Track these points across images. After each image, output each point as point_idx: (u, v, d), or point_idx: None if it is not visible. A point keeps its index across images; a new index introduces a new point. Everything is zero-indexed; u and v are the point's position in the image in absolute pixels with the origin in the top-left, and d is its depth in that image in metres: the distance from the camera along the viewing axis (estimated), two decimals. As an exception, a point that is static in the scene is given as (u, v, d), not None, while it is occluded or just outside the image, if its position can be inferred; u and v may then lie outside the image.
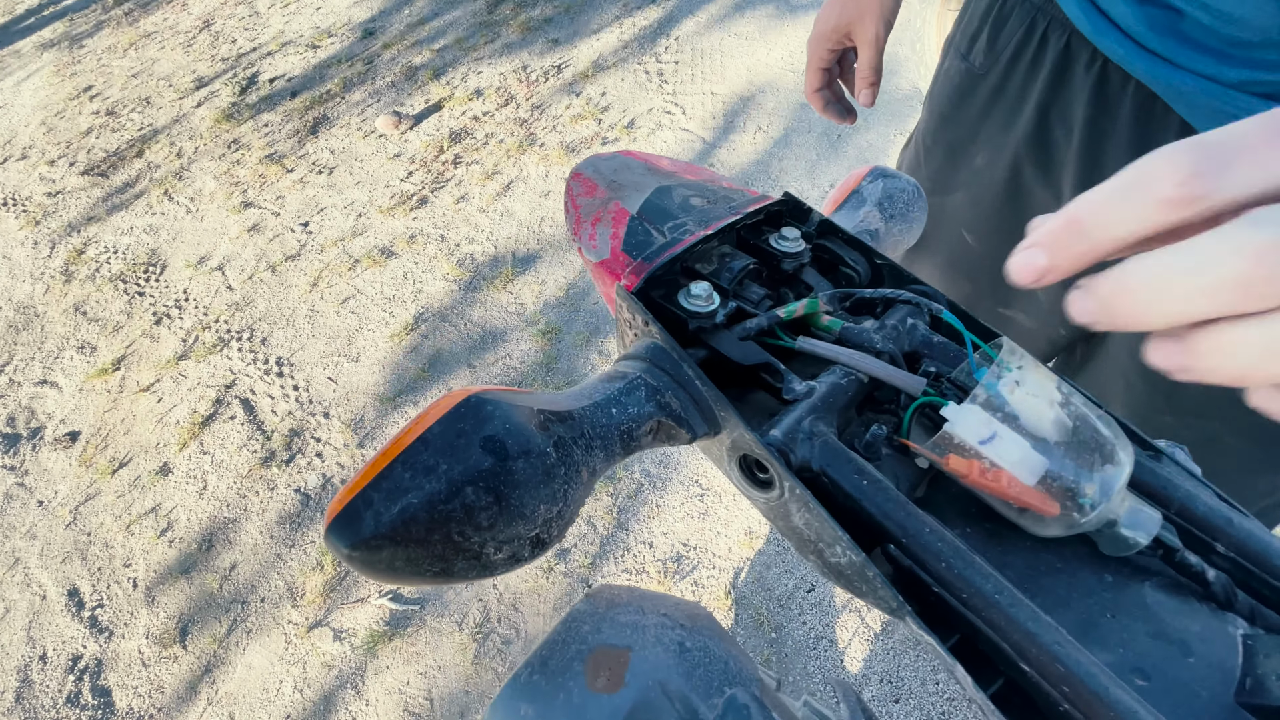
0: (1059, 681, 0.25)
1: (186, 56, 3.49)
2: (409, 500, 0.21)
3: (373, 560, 0.21)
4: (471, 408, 0.23)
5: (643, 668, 0.24)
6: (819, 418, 0.30)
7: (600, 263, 0.35)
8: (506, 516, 0.22)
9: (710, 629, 0.28)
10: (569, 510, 0.24)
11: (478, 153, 2.45)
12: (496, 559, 0.23)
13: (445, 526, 0.21)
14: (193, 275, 2.34)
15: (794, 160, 2.11)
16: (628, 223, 0.36)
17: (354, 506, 0.21)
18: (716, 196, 0.39)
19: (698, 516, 1.49)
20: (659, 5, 2.83)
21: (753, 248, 0.38)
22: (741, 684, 0.24)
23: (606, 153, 0.41)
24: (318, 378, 1.93)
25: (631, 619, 0.26)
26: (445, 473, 0.21)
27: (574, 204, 0.38)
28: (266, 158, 2.71)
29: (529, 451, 0.23)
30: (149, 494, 1.80)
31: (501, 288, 2.01)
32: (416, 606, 1.48)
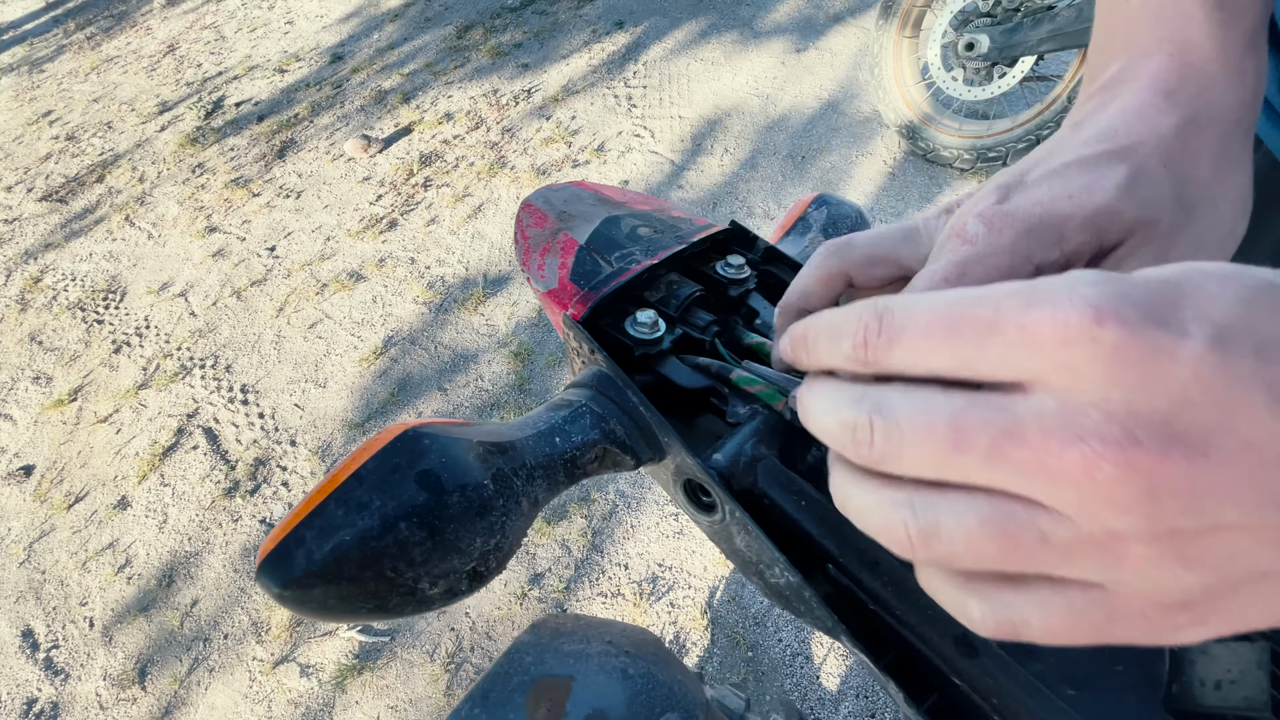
0: (989, 695, 0.26)
1: (150, 80, 3.45)
2: (341, 538, 0.21)
3: (305, 599, 0.21)
4: (408, 442, 0.23)
5: (585, 696, 0.25)
6: (761, 441, 0.31)
7: (548, 292, 0.36)
8: (441, 551, 0.22)
9: (655, 655, 0.28)
10: (507, 542, 0.25)
11: (448, 175, 2.46)
12: (432, 594, 0.23)
13: (378, 563, 0.21)
14: (154, 302, 2.29)
15: (760, 181, 2.16)
16: (576, 252, 0.37)
17: (285, 545, 0.21)
18: (664, 226, 0.40)
19: (673, 536, 1.48)
20: (627, 31, 2.88)
21: (700, 275, 0.39)
22: (682, 708, 0.25)
23: (558, 184, 0.42)
24: (284, 404, 1.90)
25: (576, 648, 0.27)
26: (379, 509, 0.21)
27: (524, 234, 0.39)
28: (232, 182, 2.68)
29: (465, 485, 0.23)
30: (107, 529, 1.74)
31: (473, 310, 2.00)
32: (386, 638, 1.44)
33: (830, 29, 2.63)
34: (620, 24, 2.93)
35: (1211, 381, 0.14)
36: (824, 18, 2.69)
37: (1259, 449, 0.14)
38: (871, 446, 0.18)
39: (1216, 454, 0.14)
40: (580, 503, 1.55)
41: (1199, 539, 0.15)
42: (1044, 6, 1.69)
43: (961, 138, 1.93)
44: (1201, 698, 0.26)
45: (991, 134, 1.88)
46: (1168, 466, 0.14)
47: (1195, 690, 0.26)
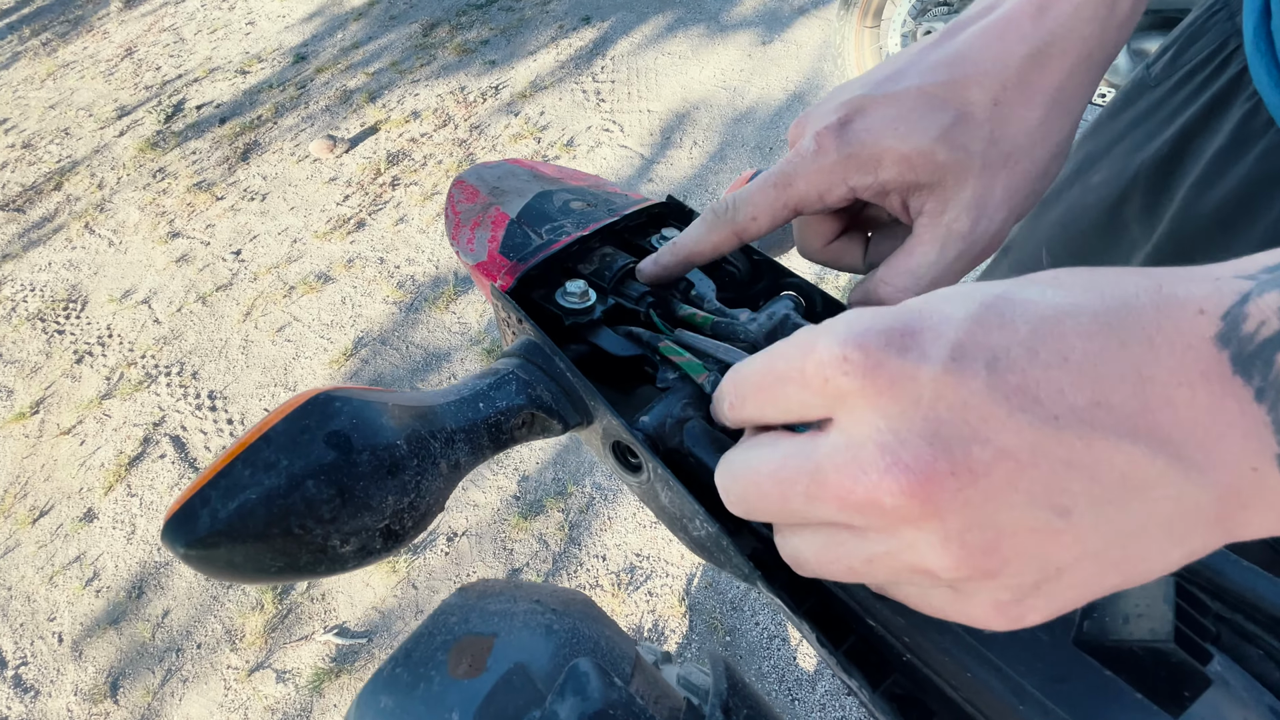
0: (901, 633, 0.26)
1: (108, 85, 3.37)
2: (247, 496, 0.21)
3: (210, 558, 0.21)
4: (318, 405, 0.23)
5: (506, 652, 0.25)
6: (690, 404, 0.32)
7: (477, 265, 0.36)
8: (350, 509, 0.22)
9: (583, 613, 0.28)
10: (424, 502, 0.25)
11: (416, 174, 2.44)
12: (344, 551, 0.23)
13: (285, 520, 0.21)
14: (116, 310, 2.24)
15: (730, 174, 2.17)
16: (506, 226, 0.37)
17: (190, 505, 0.21)
18: (598, 200, 0.40)
19: (649, 526, 1.49)
20: (594, 26, 2.88)
21: (636, 248, 0.39)
22: (601, 656, 0.25)
23: (493, 161, 0.42)
24: (253, 410, 1.87)
25: (501, 607, 0.27)
26: (286, 468, 0.22)
27: (454, 210, 0.39)
28: (195, 186, 2.63)
29: (375, 445, 0.23)
30: (73, 542, 1.70)
31: (444, 308, 1.99)
32: (364, 639, 1.43)
33: (794, 21, 2.65)
34: (587, 19, 2.93)
35: (954, 399, 0.16)
36: (788, 10, 2.71)
37: (1013, 454, 0.15)
38: (736, 498, 0.21)
39: (978, 465, 0.15)
40: (557, 497, 1.55)
41: (993, 550, 0.16)
42: (999, -7, 1.72)
43: (924, 125, 1.96)
44: (1111, 631, 0.27)
45: (953, 120, 1.91)
46: (938, 484, 0.16)
47: (1105, 624, 0.27)
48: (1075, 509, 0.16)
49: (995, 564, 0.16)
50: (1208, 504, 0.16)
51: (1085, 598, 0.18)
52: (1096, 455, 0.15)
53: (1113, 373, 0.16)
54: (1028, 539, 0.16)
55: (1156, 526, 0.16)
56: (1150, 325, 0.16)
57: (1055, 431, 0.15)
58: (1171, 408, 0.15)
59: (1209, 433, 0.15)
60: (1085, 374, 0.16)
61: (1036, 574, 0.17)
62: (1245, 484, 0.16)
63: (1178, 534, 0.16)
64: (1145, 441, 0.16)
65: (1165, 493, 0.16)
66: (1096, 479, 0.16)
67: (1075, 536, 0.16)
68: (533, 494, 1.56)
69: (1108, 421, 0.15)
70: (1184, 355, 0.15)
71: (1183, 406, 0.15)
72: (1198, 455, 0.16)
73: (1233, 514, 0.16)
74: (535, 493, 1.57)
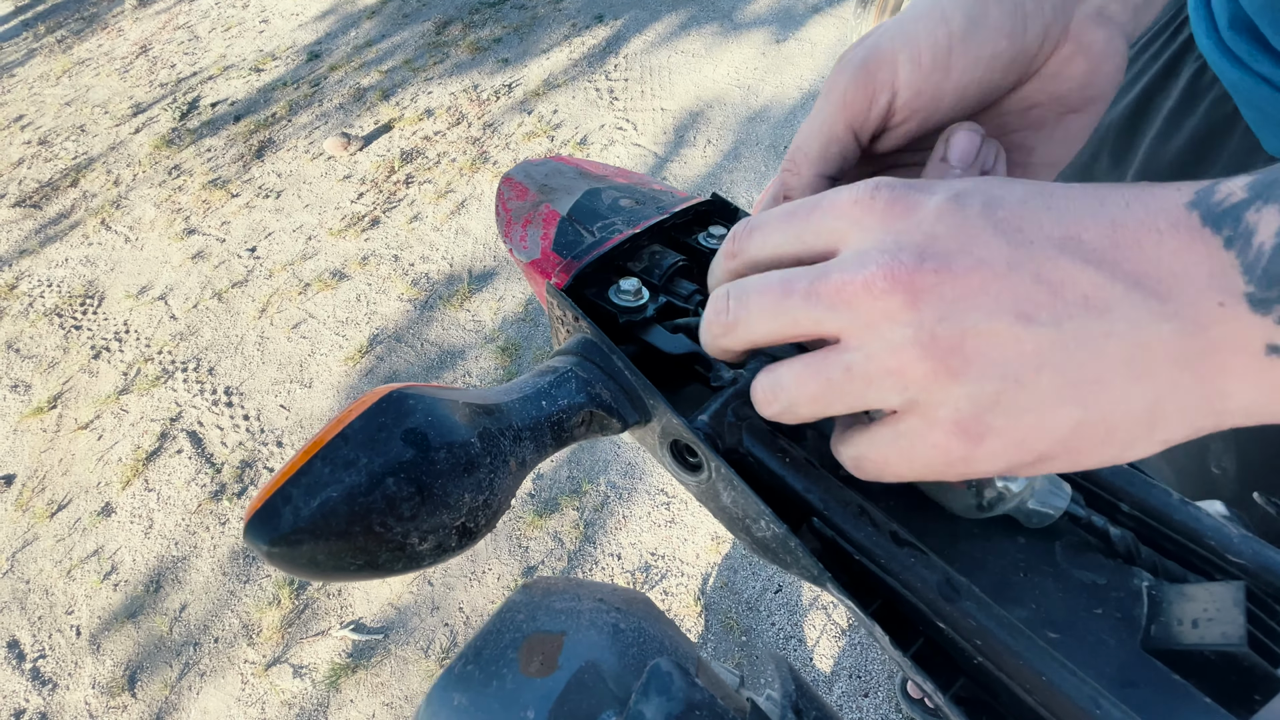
0: (972, 636, 0.26)
1: (123, 83, 3.39)
2: (329, 493, 0.21)
3: (293, 555, 0.21)
4: (393, 402, 0.23)
5: (577, 650, 0.25)
6: (745, 403, 0.32)
7: (531, 263, 0.36)
8: (430, 506, 0.22)
9: (646, 612, 0.28)
10: (496, 499, 0.25)
11: (430, 172, 2.44)
12: (422, 549, 0.23)
13: (366, 518, 0.21)
14: (133, 306, 2.25)
15: (744, 171, 2.16)
16: (558, 224, 0.37)
17: (272, 503, 0.21)
18: (645, 197, 0.40)
19: (664, 525, 1.49)
20: (607, 25, 2.88)
21: (683, 245, 0.39)
22: (673, 656, 0.25)
23: (538, 158, 0.42)
24: (269, 406, 1.88)
25: (566, 605, 0.27)
26: (365, 465, 0.22)
27: (504, 207, 0.39)
28: (210, 183, 2.65)
29: (452, 442, 0.23)
30: (90, 536, 1.71)
31: (458, 306, 1.99)
32: (380, 635, 1.43)
33: (809, 19, 2.64)
34: (600, 17, 2.92)
35: (950, 222, 0.19)
36: (802, 8, 2.70)
37: (990, 264, 0.18)
38: (728, 314, 0.23)
39: (959, 268, 0.18)
40: (572, 495, 1.55)
41: (958, 347, 0.18)
42: (1019, -8, 1.70)
43: (941, 124, 1.95)
44: (1180, 636, 0.26)
45: (970, 120, 1.90)
46: (921, 277, 0.18)
47: (1173, 629, 0.27)
48: (1037, 319, 0.18)
49: (959, 362, 0.18)
50: (1169, 337, 0.17)
51: (1046, 434, 0.18)
52: (1062, 275, 0.18)
53: (1088, 218, 0.18)
54: (992, 341, 0.18)
55: (1116, 354, 0.17)
56: (1129, 193, 0.18)
57: (1029, 251, 0.18)
58: (1139, 247, 0.17)
59: (1172, 270, 0.17)
60: (1065, 215, 0.18)
61: (997, 381, 0.18)
62: (1211, 320, 0.17)
63: (1138, 367, 0.17)
64: (1109, 271, 0.17)
65: (1124, 317, 0.17)
66: (1059, 295, 0.18)
67: (1035, 346, 0.18)
68: (548, 492, 1.57)
69: (1077, 250, 0.18)
70: (1156, 211, 0.17)
71: (1149, 247, 0.17)
72: (1159, 287, 0.17)
73: (1203, 359, 0.17)
74: (550, 490, 1.57)
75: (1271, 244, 0.16)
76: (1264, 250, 0.16)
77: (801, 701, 0.26)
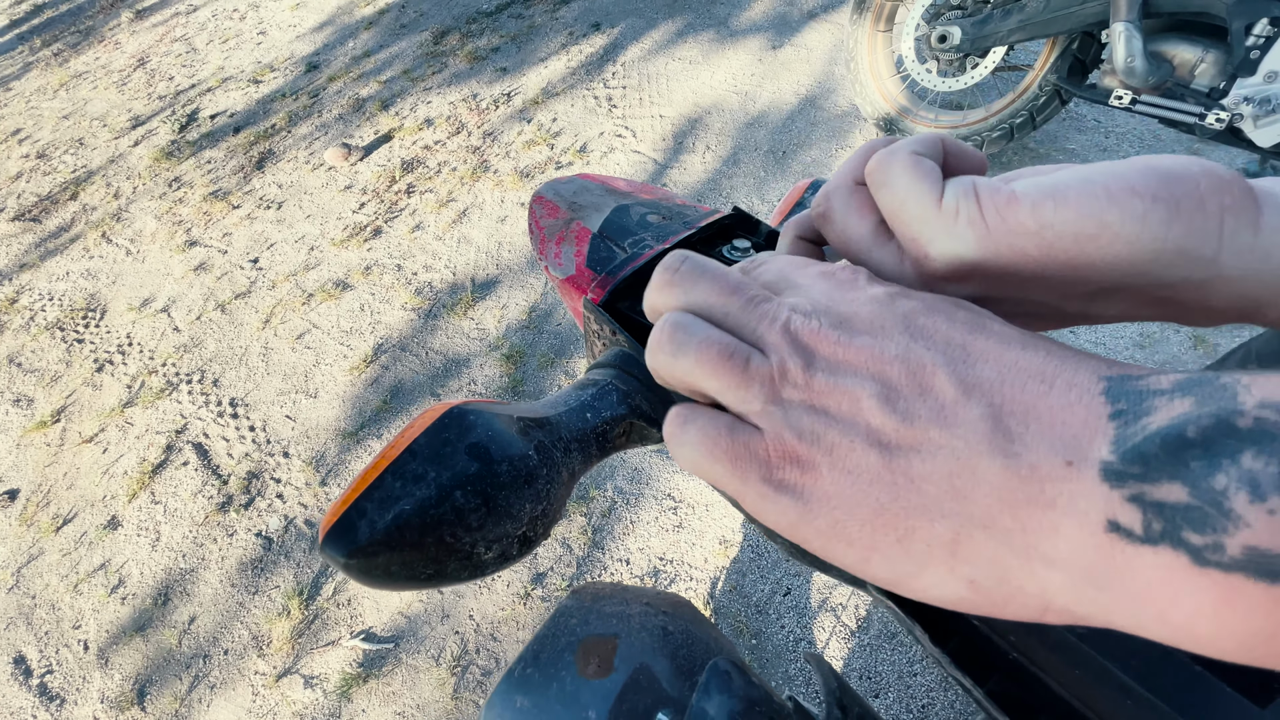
0: (1007, 632, 0.27)
1: (121, 95, 3.40)
2: (401, 507, 0.22)
3: (370, 567, 0.22)
4: (455, 418, 0.24)
5: (630, 652, 0.26)
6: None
7: (567, 279, 0.37)
8: (495, 517, 0.23)
9: (691, 615, 0.29)
10: (553, 509, 0.26)
11: (431, 181, 2.45)
12: (487, 558, 0.24)
13: (438, 529, 0.22)
14: (136, 319, 2.26)
15: (743, 177, 2.18)
16: (590, 240, 0.38)
17: (348, 516, 0.22)
18: (671, 213, 0.41)
19: (672, 529, 1.50)
20: (604, 33, 2.90)
21: (709, 258, 0.40)
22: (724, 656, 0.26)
23: (565, 176, 0.43)
24: (275, 416, 1.88)
25: (616, 609, 0.28)
26: (434, 479, 0.23)
27: (538, 225, 0.40)
28: (210, 195, 2.65)
29: (512, 456, 0.24)
30: (97, 550, 1.71)
31: (462, 314, 2.00)
32: (390, 644, 1.44)
33: (805, 25, 2.66)
34: (597, 25, 2.95)
35: (875, 306, 0.20)
36: (798, 14, 2.72)
37: (883, 348, 0.19)
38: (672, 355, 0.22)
39: (861, 334, 0.20)
40: (579, 501, 1.56)
41: (829, 391, 0.19)
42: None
43: (938, 128, 1.97)
44: None
45: (967, 123, 1.92)
46: (833, 334, 0.20)
47: None
48: (894, 406, 0.19)
49: (821, 402, 0.20)
50: (997, 471, 0.17)
51: (856, 507, 0.19)
52: (936, 381, 0.18)
53: (997, 351, 0.18)
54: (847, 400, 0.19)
55: (943, 464, 0.17)
56: (1060, 351, 0.18)
57: (920, 350, 0.19)
58: (1022, 388, 0.17)
59: (1038, 416, 0.17)
60: (977, 336, 0.19)
61: (838, 434, 0.19)
62: (1049, 475, 0.16)
63: (958, 485, 0.17)
64: (979, 395, 0.17)
65: (965, 436, 0.17)
66: (924, 395, 0.18)
67: (880, 424, 0.19)
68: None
69: (963, 367, 0.18)
70: (1066, 368, 0.17)
71: (1031, 392, 0.17)
72: (1014, 425, 0.17)
73: (1030, 508, 0.16)
74: (558, 497, 1.57)
75: (1158, 428, 0.15)
76: (1147, 430, 0.15)
77: (845, 698, 0.27)
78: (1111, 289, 0.21)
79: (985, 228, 0.20)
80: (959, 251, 0.21)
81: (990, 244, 0.20)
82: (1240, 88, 1.41)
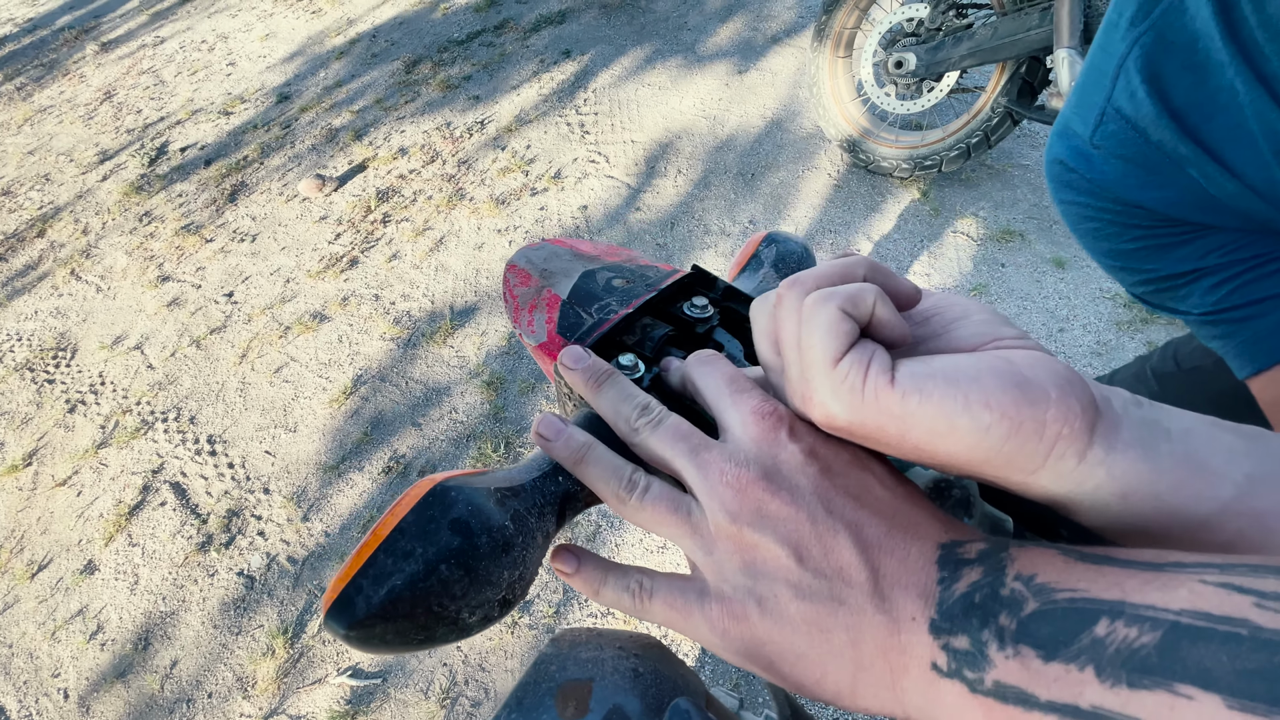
0: None
1: (88, 129, 3.37)
2: (394, 582, 0.25)
3: (368, 637, 0.25)
4: (438, 496, 0.27)
5: (604, 694, 0.29)
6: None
7: (539, 345, 0.40)
8: (477, 585, 0.26)
9: (660, 655, 0.32)
10: (529, 572, 0.29)
11: (407, 210, 2.47)
12: (471, 621, 0.27)
13: (426, 600, 0.25)
14: (108, 357, 2.23)
15: (714, 200, 2.24)
16: (560, 307, 0.41)
17: (347, 594, 0.25)
18: (635, 275, 0.44)
19: (656, 551, 1.52)
20: (574, 60, 2.96)
21: (670, 316, 0.44)
22: (688, 696, 0.29)
23: (535, 243, 0.47)
24: (254, 452, 1.87)
25: (591, 654, 0.31)
26: (422, 555, 0.25)
27: (512, 294, 0.43)
28: (183, 229, 2.64)
29: (491, 528, 0.27)
30: (74, 596, 1.68)
31: (441, 342, 2.01)
32: (378, 680, 1.44)
33: (769, 50, 2.75)
34: (567, 53, 3.00)
35: (799, 465, 0.25)
36: (762, 40, 2.81)
37: (799, 515, 0.24)
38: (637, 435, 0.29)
39: (782, 489, 0.24)
40: (564, 529, 1.58)
41: (754, 547, 0.24)
42: (963, 25, 1.82)
43: (899, 149, 2.04)
44: None
45: (926, 144, 2.00)
46: (758, 488, 0.24)
47: None
48: (806, 561, 0.23)
49: (749, 556, 0.24)
50: (879, 626, 0.22)
51: (778, 647, 0.24)
52: (839, 545, 0.23)
53: (878, 519, 0.24)
54: (769, 556, 0.24)
55: (844, 618, 0.22)
56: (924, 521, 0.24)
57: (829, 519, 0.23)
58: (891, 554, 0.23)
59: (901, 580, 0.22)
60: (869, 508, 0.24)
61: (764, 586, 0.24)
62: (902, 628, 0.21)
63: (854, 636, 0.22)
64: (867, 560, 0.23)
65: (856, 597, 0.22)
66: (828, 556, 0.23)
67: (798, 579, 0.23)
68: (539, 524, 1.59)
69: (858, 535, 0.23)
70: (917, 537, 0.23)
71: (896, 559, 0.22)
72: (886, 588, 0.22)
73: (894, 655, 0.21)
74: (542, 523, 1.59)
75: (962, 592, 0.20)
76: (955, 594, 0.21)
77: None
78: (949, 468, 0.24)
79: (860, 401, 0.22)
80: (834, 411, 0.23)
81: (859, 415, 0.22)
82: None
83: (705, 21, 2.97)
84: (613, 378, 0.32)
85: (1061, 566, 0.19)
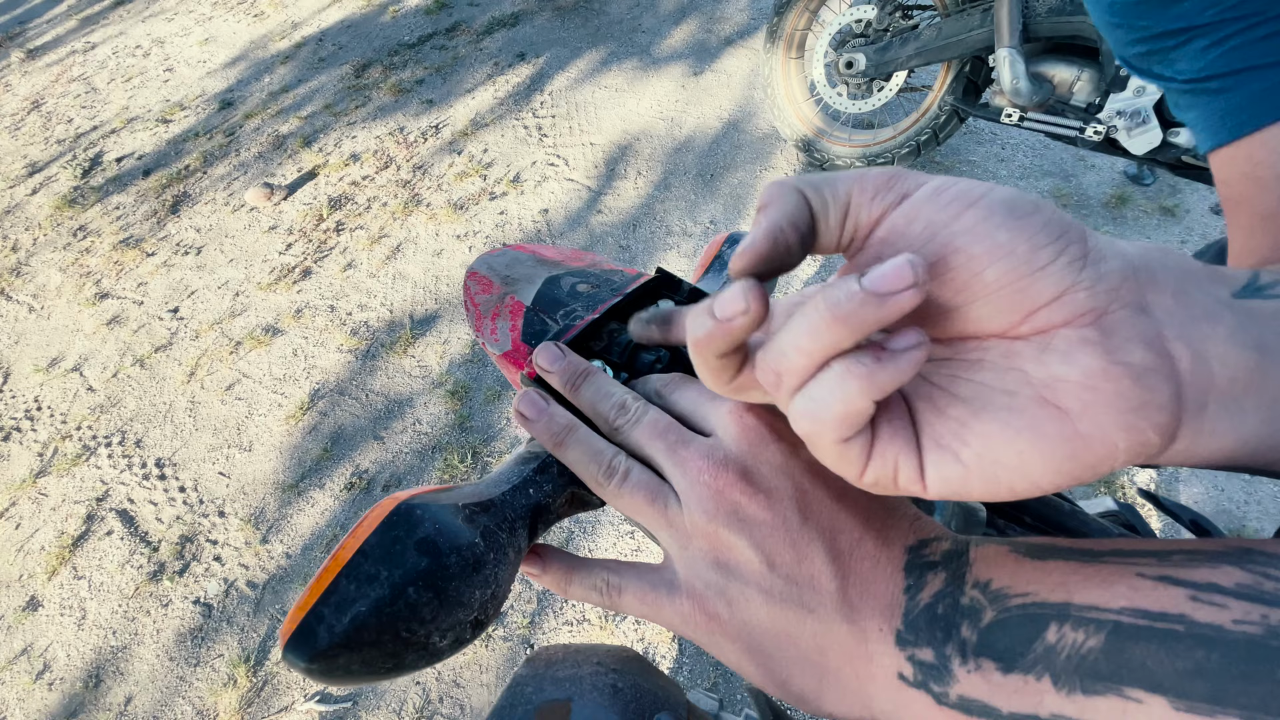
0: None
1: (14, 141, 3.19)
2: (358, 609, 0.23)
3: (331, 669, 0.23)
4: (402, 515, 0.26)
5: (583, 713, 0.28)
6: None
7: (504, 354, 0.39)
8: (448, 607, 0.25)
9: (639, 668, 0.32)
10: (502, 590, 0.28)
11: (361, 218, 2.41)
12: (442, 645, 0.25)
13: (394, 626, 0.24)
14: (44, 380, 2.11)
15: (675, 201, 2.24)
16: (524, 314, 0.40)
17: (307, 623, 0.23)
18: (600, 280, 0.44)
19: (630, 555, 1.51)
20: (529, 63, 2.93)
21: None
22: (669, 708, 0.28)
23: (497, 249, 0.45)
24: (206, 474, 1.79)
25: (569, 673, 0.30)
26: (387, 579, 0.24)
27: (473, 302, 0.42)
28: (121, 243, 2.52)
29: (460, 546, 0.26)
30: (17, 634, 1.58)
31: (402, 352, 1.97)
32: (348, 704, 1.39)
33: (723, 52, 2.77)
34: (522, 55, 2.97)
35: (776, 474, 0.24)
36: (716, 41, 2.83)
37: (776, 519, 0.24)
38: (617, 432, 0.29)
39: (760, 492, 0.24)
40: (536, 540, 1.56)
41: (728, 548, 0.24)
42: (909, 26, 1.86)
43: (852, 147, 2.09)
44: None
45: (878, 142, 2.04)
46: (736, 489, 0.24)
47: None
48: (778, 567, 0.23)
49: (723, 557, 0.24)
50: (845, 635, 0.22)
51: (752, 645, 0.24)
52: (812, 554, 0.23)
53: (850, 530, 0.24)
54: (744, 559, 0.24)
55: (812, 624, 0.22)
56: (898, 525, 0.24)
57: (803, 528, 0.23)
58: (861, 562, 0.23)
59: (870, 591, 0.22)
60: (838, 520, 0.24)
61: (736, 585, 0.24)
62: (869, 638, 0.22)
63: (821, 642, 0.22)
64: (838, 569, 0.23)
65: (825, 605, 0.22)
66: (802, 564, 0.23)
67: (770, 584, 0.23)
68: (510, 534, 1.56)
69: (830, 546, 0.23)
70: (887, 543, 0.23)
71: (865, 569, 0.23)
72: (855, 598, 0.22)
73: (861, 662, 0.22)
74: (513, 532, 1.57)
75: (926, 603, 0.21)
76: (920, 605, 0.21)
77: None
78: None
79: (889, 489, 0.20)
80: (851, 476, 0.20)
81: None
82: (1113, 102, 1.56)
83: (659, 24, 2.98)
84: (590, 376, 0.31)
85: (1013, 568, 0.20)
